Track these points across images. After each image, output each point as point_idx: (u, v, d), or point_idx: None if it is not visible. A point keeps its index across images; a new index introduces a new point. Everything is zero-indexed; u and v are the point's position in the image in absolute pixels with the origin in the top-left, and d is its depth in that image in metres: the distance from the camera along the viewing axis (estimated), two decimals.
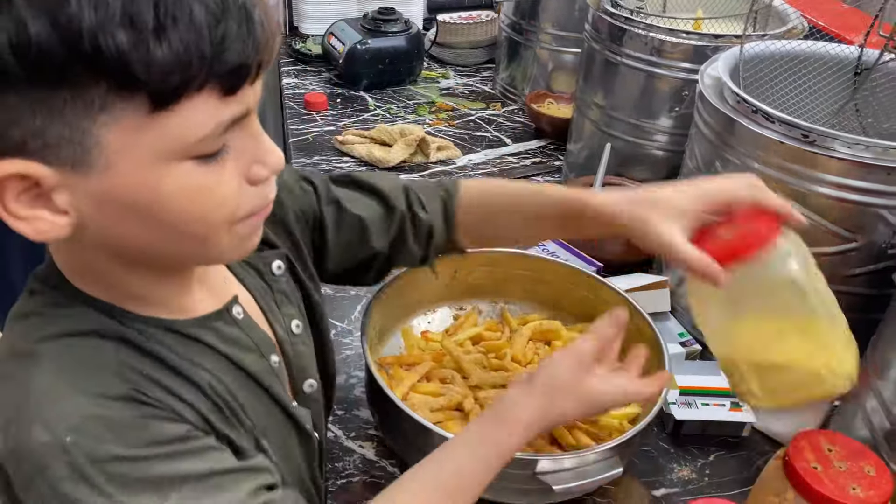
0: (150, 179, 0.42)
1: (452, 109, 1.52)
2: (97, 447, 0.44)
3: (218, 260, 0.53)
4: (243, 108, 0.43)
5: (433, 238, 0.71)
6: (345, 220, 0.67)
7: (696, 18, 1.08)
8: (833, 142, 0.75)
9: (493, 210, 0.72)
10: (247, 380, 0.54)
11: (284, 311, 0.61)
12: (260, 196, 0.47)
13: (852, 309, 0.80)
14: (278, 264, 0.61)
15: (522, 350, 0.82)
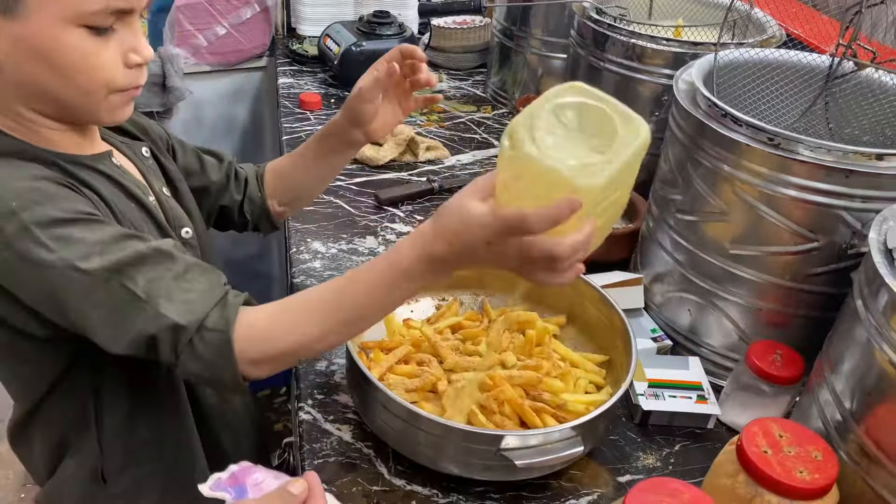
0: (54, 33, 0.61)
1: (444, 112, 1.55)
2: (37, 210, 0.61)
3: (96, 115, 0.68)
4: (129, 5, 0.63)
5: (248, 188, 0.94)
6: (186, 151, 0.90)
7: (676, 26, 1.12)
8: (797, 145, 0.78)
9: (284, 169, 0.95)
10: (139, 208, 0.73)
11: (154, 178, 0.79)
12: (131, 76, 0.66)
13: (815, 307, 0.85)
14: (145, 149, 0.82)
15: (498, 338, 0.85)
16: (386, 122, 0.90)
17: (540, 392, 0.78)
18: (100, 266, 0.61)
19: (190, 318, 0.63)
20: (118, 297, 0.62)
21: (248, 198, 0.94)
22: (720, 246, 0.87)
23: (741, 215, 0.84)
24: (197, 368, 0.64)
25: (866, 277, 0.67)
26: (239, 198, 0.94)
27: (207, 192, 0.92)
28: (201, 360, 0.63)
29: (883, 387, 0.64)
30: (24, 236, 0.60)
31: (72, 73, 0.63)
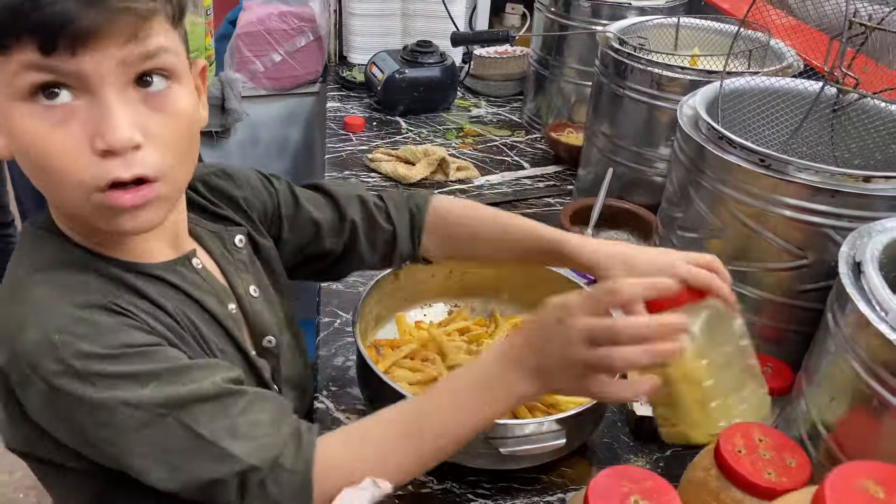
0: (10, 113, 0.51)
1: (478, 135, 1.63)
2: (81, 345, 0.52)
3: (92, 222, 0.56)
4: (71, 68, 0.49)
5: (396, 247, 0.81)
6: (300, 218, 0.78)
7: (692, 55, 1.17)
8: (786, 166, 0.82)
9: (464, 231, 0.82)
10: (211, 321, 0.64)
11: (242, 277, 0.70)
12: (102, 168, 0.51)
13: (804, 322, 0.88)
14: (240, 238, 0.71)
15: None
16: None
17: None
18: (154, 402, 0.54)
19: (262, 456, 0.56)
20: (176, 435, 0.54)
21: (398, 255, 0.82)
22: None
23: (737, 233, 0.88)
24: None
25: (836, 291, 0.71)
26: (372, 260, 0.82)
27: (323, 260, 0.81)
28: (272, 501, 0.56)
29: (850, 396, 0.67)
30: (66, 373, 0.52)
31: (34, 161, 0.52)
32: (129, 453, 0.54)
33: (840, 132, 0.95)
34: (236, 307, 0.68)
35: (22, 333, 0.53)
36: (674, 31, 1.34)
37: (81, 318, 0.54)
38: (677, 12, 1.41)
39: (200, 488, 0.56)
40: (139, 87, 0.53)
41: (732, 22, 1.32)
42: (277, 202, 0.77)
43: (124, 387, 0.53)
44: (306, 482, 0.56)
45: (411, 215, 0.81)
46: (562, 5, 1.52)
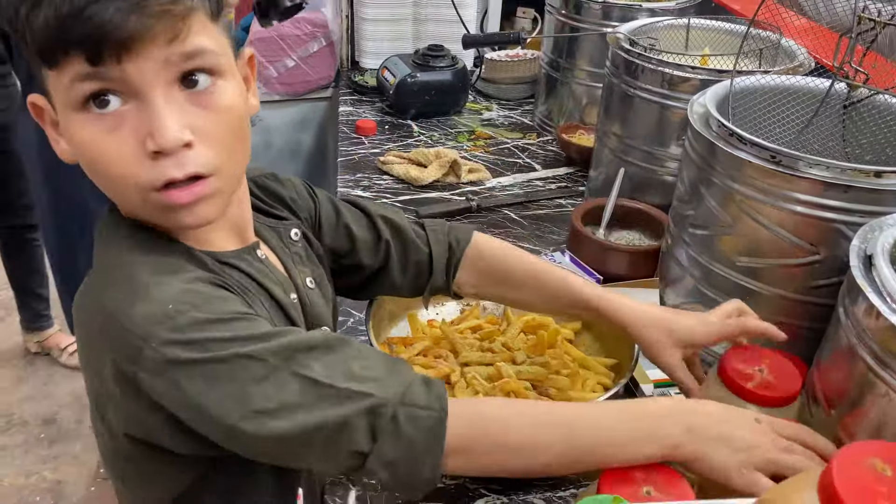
0: (67, 122, 0.54)
1: (490, 138, 1.64)
2: (194, 313, 0.54)
3: (153, 221, 0.59)
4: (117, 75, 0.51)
5: (431, 276, 0.81)
6: (339, 228, 0.79)
7: (703, 55, 1.17)
8: (797, 162, 0.82)
9: (501, 275, 0.82)
10: (276, 308, 0.65)
11: (300, 269, 0.71)
12: (157, 169, 0.53)
13: (816, 318, 0.88)
14: (295, 231, 0.73)
15: (513, 338, 0.91)
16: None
17: (547, 388, 0.84)
18: (269, 351, 0.54)
19: (389, 391, 0.55)
20: (294, 384, 0.54)
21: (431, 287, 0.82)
22: (729, 258, 0.91)
23: (748, 230, 0.88)
24: (397, 453, 0.55)
25: (847, 284, 0.71)
26: (402, 282, 0.82)
27: (356, 275, 0.81)
28: (404, 440, 0.55)
29: (861, 387, 0.67)
30: (182, 341, 0.53)
31: (91, 165, 0.55)
32: (249, 407, 0.53)
33: (851, 128, 0.95)
34: (296, 297, 0.69)
35: (131, 309, 0.54)
36: (684, 31, 1.34)
37: (189, 289, 0.56)
38: (688, 13, 1.41)
39: (329, 437, 0.54)
40: (184, 87, 0.54)
41: (743, 22, 1.32)
42: (318, 209, 0.78)
43: (239, 344, 0.54)
44: (440, 421, 0.55)
45: (450, 247, 0.82)
46: (572, 8, 1.53)
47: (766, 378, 0.74)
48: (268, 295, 0.65)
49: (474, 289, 0.83)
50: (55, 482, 1.95)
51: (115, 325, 0.54)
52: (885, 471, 0.36)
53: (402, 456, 0.55)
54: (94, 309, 0.57)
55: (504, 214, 1.35)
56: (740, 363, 0.75)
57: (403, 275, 0.81)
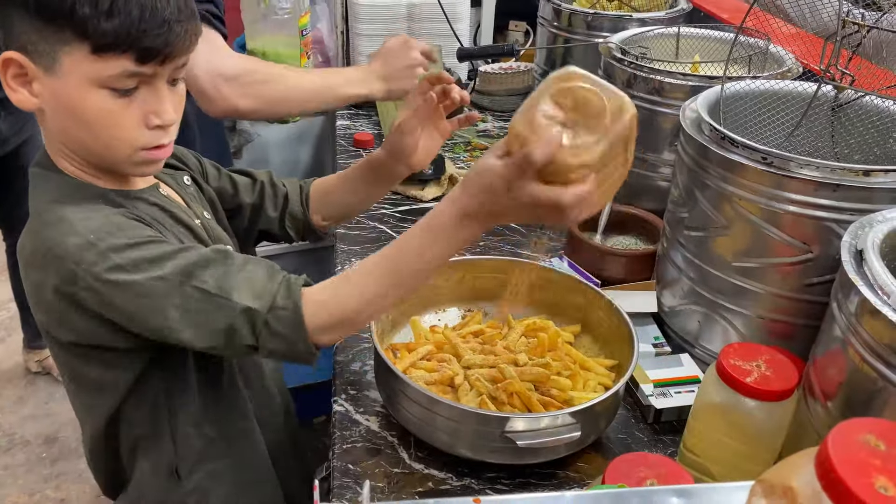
0: (81, 91, 0.71)
1: (486, 149, 1.66)
2: (112, 239, 0.71)
3: (123, 168, 0.78)
4: (150, 72, 0.71)
5: (289, 205, 1.01)
6: (222, 178, 0.99)
7: (693, 62, 1.20)
8: (788, 163, 0.84)
9: (330, 188, 1.03)
10: (186, 230, 0.83)
11: (194, 204, 0.90)
12: (152, 136, 0.75)
13: (811, 315, 0.90)
14: (186, 177, 0.92)
15: (515, 341, 0.93)
16: (428, 151, 0.98)
17: (549, 388, 0.85)
18: (172, 272, 0.71)
19: (261, 302, 0.72)
20: (193, 297, 0.71)
21: (289, 213, 1.01)
22: (724, 259, 0.93)
23: (742, 230, 0.90)
24: (275, 345, 0.73)
25: (840, 279, 0.73)
26: (275, 215, 1.01)
27: (242, 213, 1.00)
28: (278, 336, 0.72)
29: (856, 379, 0.69)
30: (104, 262, 0.70)
31: (95, 128, 0.73)
32: (164, 320, 0.71)
33: (839, 129, 0.98)
34: (199, 222, 0.87)
35: (63, 241, 0.71)
36: (674, 40, 1.37)
37: (108, 221, 0.73)
38: (677, 22, 1.44)
39: (220, 337, 0.72)
40: (171, 85, 0.76)
41: (731, 30, 1.35)
42: (203, 164, 0.98)
43: (150, 267, 0.71)
44: (297, 315, 0.72)
45: (301, 186, 1.04)
46: (564, 20, 1.56)
47: (763, 373, 0.75)
48: (176, 220, 0.83)
49: (318, 214, 1.03)
50: (58, 501, 1.95)
51: (52, 255, 0.71)
52: (878, 445, 0.38)
53: (280, 344, 0.73)
54: (34, 246, 0.74)
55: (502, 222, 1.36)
56: (738, 359, 0.76)
57: (275, 208, 1.00)
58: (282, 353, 0.75)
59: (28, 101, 0.73)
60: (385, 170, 0.98)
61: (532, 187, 0.67)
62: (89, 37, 0.68)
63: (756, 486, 0.41)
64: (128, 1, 0.68)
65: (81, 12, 0.67)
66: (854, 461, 0.37)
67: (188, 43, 0.73)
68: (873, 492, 0.36)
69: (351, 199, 1.03)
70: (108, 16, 0.67)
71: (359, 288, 0.74)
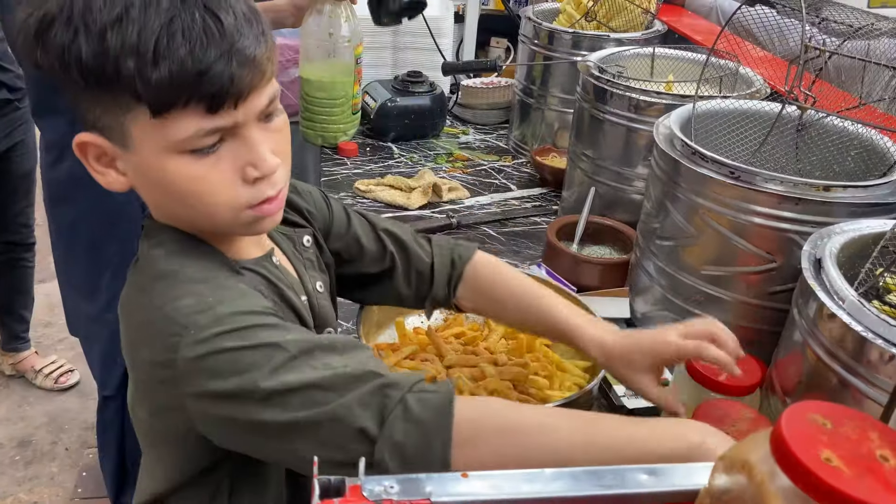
0: (159, 162, 0.60)
1: (467, 160, 1.71)
2: (232, 305, 0.60)
3: (230, 232, 0.67)
4: (230, 122, 0.59)
5: (432, 288, 0.86)
6: (349, 236, 0.84)
7: (667, 82, 1.26)
8: (754, 177, 0.90)
9: (495, 296, 0.86)
10: (289, 310, 0.70)
11: (310, 273, 0.77)
12: (254, 191, 0.62)
13: (775, 322, 0.95)
14: (307, 238, 0.79)
15: (495, 343, 0.97)
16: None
17: (527, 387, 0.89)
18: (293, 344, 0.59)
19: (401, 379, 0.59)
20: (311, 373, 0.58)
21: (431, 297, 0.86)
22: (694, 268, 0.98)
23: (710, 240, 0.96)
24: (406, 433, 0.56)
25: (800, 286, 0.78)
26: (408, 293, 0.86)
27: (358, 283, 0.86)
28: (413, 420, 0.56)
29: (813, 378, 0.74)
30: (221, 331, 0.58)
31: (185, 197, 0.62)
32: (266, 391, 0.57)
33: (803, 147, 1.04)
34: (306, 299, 0.74)
35: (176, 301, 0.60)
36: (649, 60, 1.43)
37: (227, 286, 0.63)
38: (652, 43, 1.50)
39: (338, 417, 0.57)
40: (265, 121, 0.63)
41: (703, 51, 1.41)
42: (332, 218, 0.83)
43: (269, 333, 0.60)
44: (448, 400, 0.57)
45: (452, 262, 0.86)
46: (544, 37, 1.62)
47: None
48: (282, 298, 0.70)
49: (471, 304, 0.87)
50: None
51: (159, 315, 0.60)
52: (825, 424, 0.42)
53: (412, 437, 0.56)
54: (139, 302, 0.64)
55: (483, 231, 1.41)
56: None
57: (408, 285, 0.86)
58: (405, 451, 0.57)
59: (118, 183, 0.64)
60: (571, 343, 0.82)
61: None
62: (143, 96, 0.57)
63: (718, 462, 0.45)
64: (173, 39, 0.55)
65: (126, 68, 0.55)
66: (803, 436, 0.41)
67: (262, 71, 0.60)
68: (819, 462, 0.41)
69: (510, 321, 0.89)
70: (155, 64, 0.55)
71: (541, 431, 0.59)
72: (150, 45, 0.55)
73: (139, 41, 0.55)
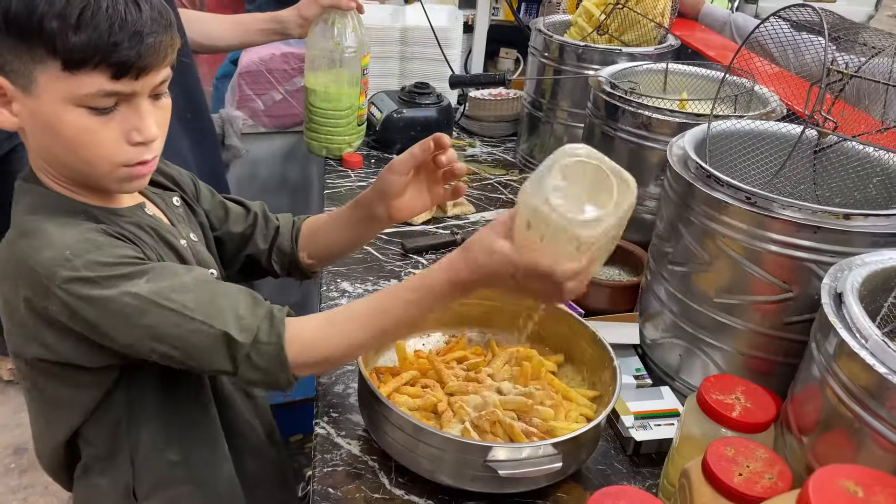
0: (57, 110, 0.70)
1: (474, 174, 1.68)
2: (88, 255, 0.71)
3: (105, 185, 0.77)
4: (128, 90, 0.70)
5: (278, 238, 1.00)
6: (214, 199, 0.99)
7: (681, 99, 1.22)
8: (771, 203, 0.86)
9: (319, 226, 1.02)
10: (171, 250, 0.83)
11: (181, 225, 0.89)
12: (133, 152, 0.74)
13: (790, 353, 0.91)
14: (176, 199, 0.92)
15: (498, 369, 0.94)
16: (413, 204, 0.94)
17: (531, 417, 0.86)
18: (149, 291, 0.71)
19: (244, 334, 0.72)
20: (169, 319, 0.71)
21: (278, 248, 1.00)
22: (706, 295, 0.95)
23: (724, 267, 0.92)
24: (255, 376, 0.74)
25: (819, 320, 0.74)
26: (265, 247, 1.00)
27: (230, 240, 1.00)
28: (259, 369, 0.74)
29: (831, 417, 0.70)
30: (78, 277, 0.70)
31: (74, 146, 0.72)
32: (134, 337, 0.72)
33: (821, 172, 1.00)
34: (185, 243, 0.87)
35: (37, 254, 0.71)
36: (662, 76, 1.40)
37: (86, 238, 0.73)
38: (665, 59, 1.47)
39: (198, 359, 0.73)
40: (153, 99, 0.75)
41: (718, 68, 1.38)
42: (198, 187, 0.98)
43: (125, 284, 0.71)
44: (280, 352, 0.73)
45: (293, 221, 1.03)
46: (555, 50, 1.59)
47: (744, 405, 0.77)
48: (160, 239, 0.82)
49: (308, 251, 1.01)
50: None
51: (25, 268, 0.71)
52: (856, 492, 0.39)
53: (260, 376, 0.74)
54: (7, 256, 0.74)
55: None
56: (717, 392, 0.78)
57: (264, 241, 1.00)
58: (260, 383, 0.76)
59: (8, 121, 0.73)
60: (368, 209, 0.96)
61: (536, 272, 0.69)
62: (59, 52, 0.67)
63: None
64: (97, 13, 0.67)
65: (50, 27, 0.66)
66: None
67: (163, 55, 0.72)
68: None
69: (336, 238, 1.02)
70: (77, 29, 0.66)
71: (344, 333, 0.76)
72: (75, 13, 0.66)
73: (66, 7, 0.66)
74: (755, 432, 0.77)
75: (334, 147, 1.67)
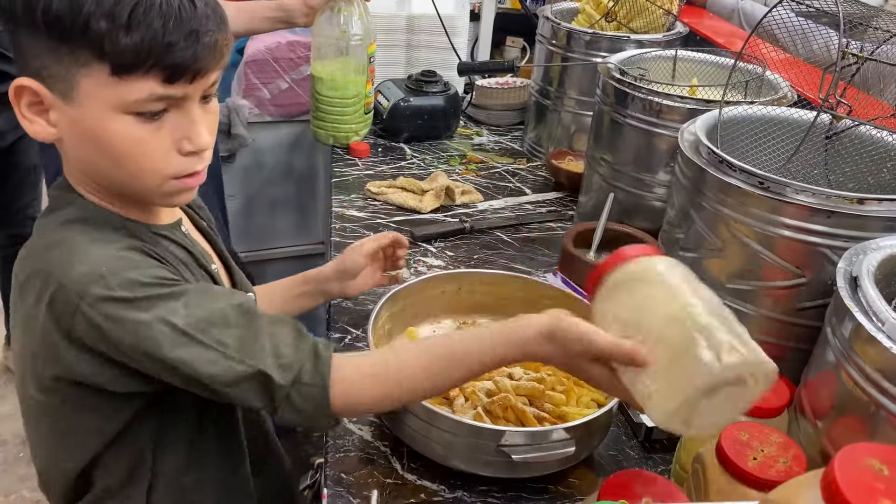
0: (103, 119, 0.63)
1: (481, 162, 1.68)
2: (124, 275, 0.64)
3: (150, 198, 0.71)
4: (180, 93, 0.64)
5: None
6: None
7: (691, 86, 1.22)
8: (784, 188, 0.86)
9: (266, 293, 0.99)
10: (205, 275, 0.77)
11: (217, 245, 0.86)
12: (185, 163, 0.68)
13: (802, 339, 0.91)
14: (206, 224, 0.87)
15: None
16: (365, 283, 1.01)
17: (542, 403, 0.86)
18: (186, 323, 0.64)
19: (285, 374, 0.66)
20: (205, 355, 0.65)
21: None
22: (718, 280, 0.94)
23: (736, 253, 0.92)
24: (294, 417, 0.68)
25: (834, 305, 0.74)
26: None
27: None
28: (300, 411, 0.67)
29: (847, 402, 0.70)
30: (113, 298, 0.63)
31: (120, 157, 0.65)
32: (165, 367, 0.64)
33: (834, 157, 1.00)
34: (217, 267, 0.82)
35: (69, 269, 0.64)
36: (671, 62, 1.39)
37: (122, 255, 0.66)
38: (674, 45, 1.46)
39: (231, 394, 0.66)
40: (203, 103, 0.69)
41: (727, 55, 1.37)
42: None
43: (161, 307, 0.64)
44: (324, 396, 0.67)
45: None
46: (563, 38, 1.58)
47: None
48: (197, 263, 0.77)
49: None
50: (34, 501, 1.92)
51: (54, 281, 0.64)
52: (882, 470, 0.39)
53: (299, 417, 0.68)
54: (35, 268, 0.67)
55: (496, 236, 1.38)
56: None
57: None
58: (298, 423, 0.70)
59: (45, 132, 0.66)
60: (322, 284, 1.00)
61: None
62: (108, 56, 0.60)
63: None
64: (149, 10, 0.60)
65: (97, 28, 0.59)
66: (859, 484, 0.38)
67: (220, 55, 0.66)
68: None
69: (281, 309, 0.98)
70: (128, 30, 0.60)
71: (403, 385, 0.70)
72: (126, 12, 0.60)
73: (116, 7, 0.60)
74: (769, 417, 0.77)
75: (341, 135, 1.67)
